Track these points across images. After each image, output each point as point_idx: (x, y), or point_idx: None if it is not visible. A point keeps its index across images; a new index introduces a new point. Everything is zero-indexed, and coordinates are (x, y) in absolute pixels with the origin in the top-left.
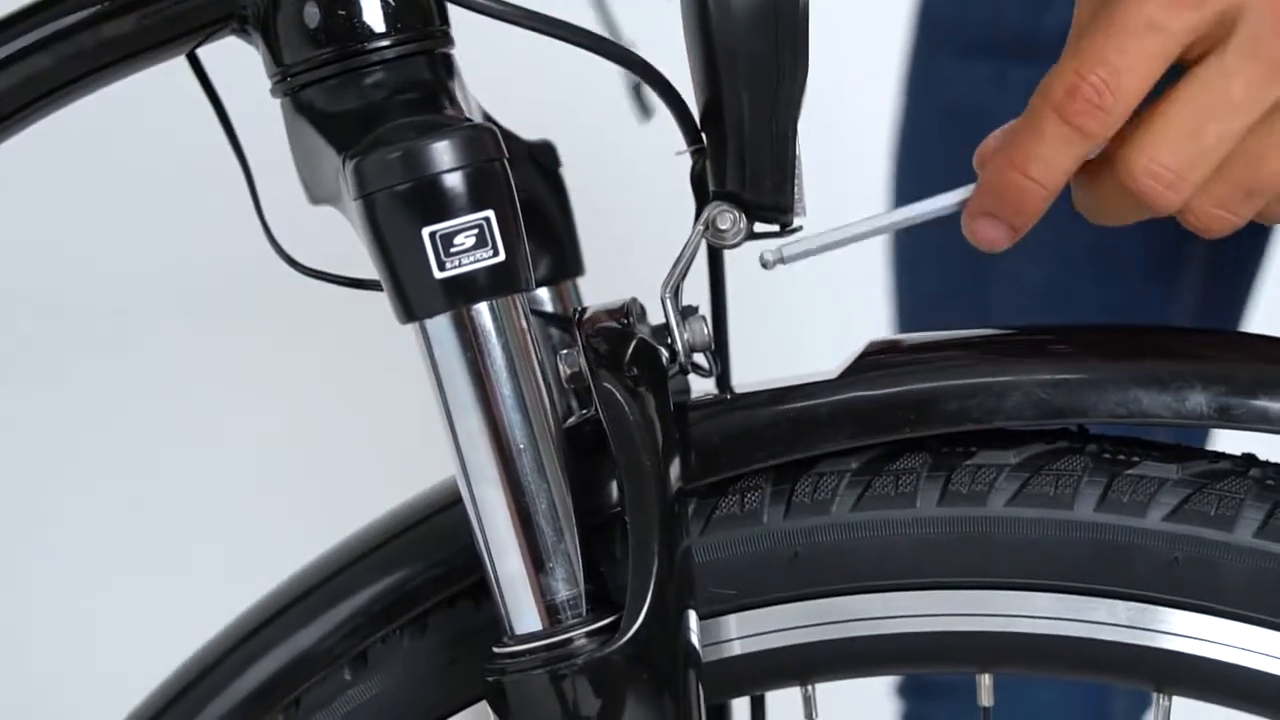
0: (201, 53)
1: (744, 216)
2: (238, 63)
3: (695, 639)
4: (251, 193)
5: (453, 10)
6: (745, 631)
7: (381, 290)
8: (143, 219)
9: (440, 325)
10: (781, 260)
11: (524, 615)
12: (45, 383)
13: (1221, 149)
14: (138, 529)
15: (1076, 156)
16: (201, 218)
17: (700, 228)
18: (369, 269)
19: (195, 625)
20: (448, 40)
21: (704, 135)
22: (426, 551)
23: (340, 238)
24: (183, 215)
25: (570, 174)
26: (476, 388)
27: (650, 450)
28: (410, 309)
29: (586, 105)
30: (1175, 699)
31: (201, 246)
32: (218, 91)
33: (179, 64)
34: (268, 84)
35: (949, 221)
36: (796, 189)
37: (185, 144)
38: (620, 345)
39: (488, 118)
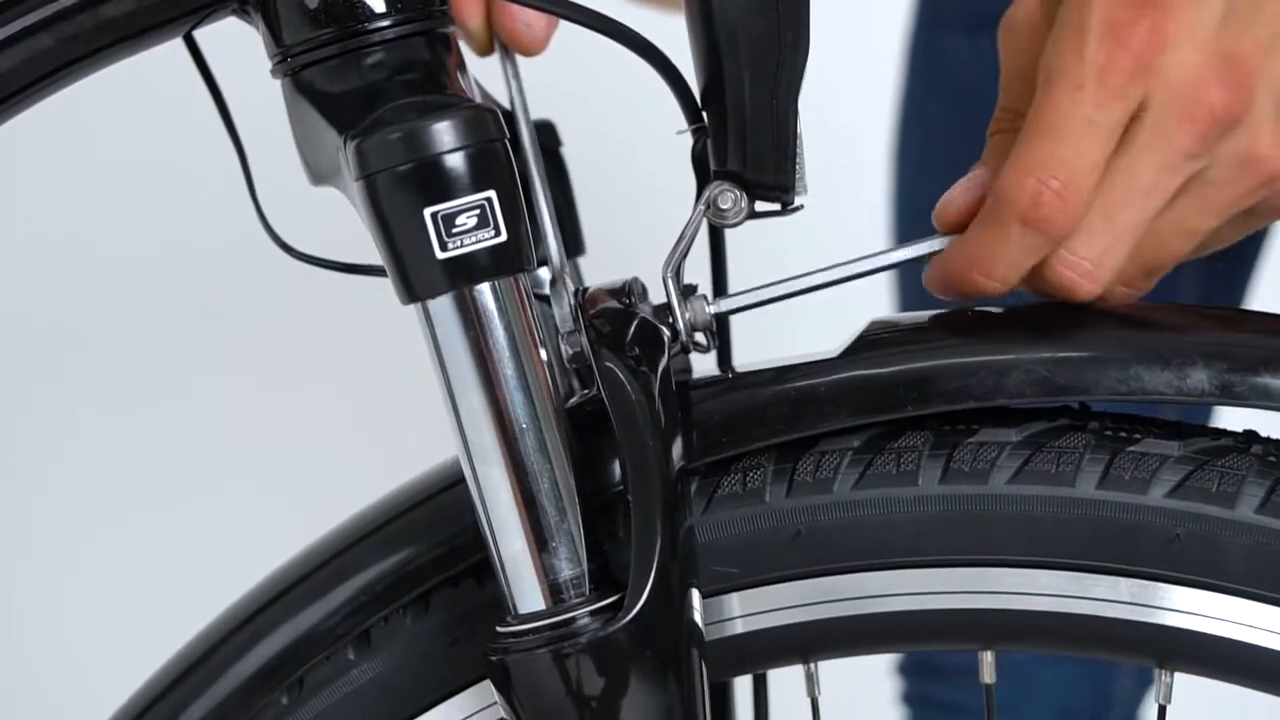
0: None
1: (745, 195)
2: (232, 48)
3: (698, 617)
4: (247, 179)
5: None
6: (748, 610)
7: (376, 274)
8: (134, 211)
9: (442, 305)
10: (720, 314)
11: (527, 595)
12: (44, 377)
13: (1133, 235)
14: (138, 510)
15: (1040, 255)
16: (196, 206)
17: (701, 207)
18: (363, 254)
19: (197, 608)
20: (448, 20)
21: (705, 114)
22: (429, 531)
23: (337, 223)
24: (177, 205)
25: (571, 153)
26: (479, 367)
27: (652, 429)
28: (412, 289)
29: (587, 84)
30: (1177, 675)
31: (197, 234)
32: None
33: (171, 50)
34: (263, 68)
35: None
36: (797, 168)
37: (177, 132)
38: (622, 325)
39: (488, 98)
